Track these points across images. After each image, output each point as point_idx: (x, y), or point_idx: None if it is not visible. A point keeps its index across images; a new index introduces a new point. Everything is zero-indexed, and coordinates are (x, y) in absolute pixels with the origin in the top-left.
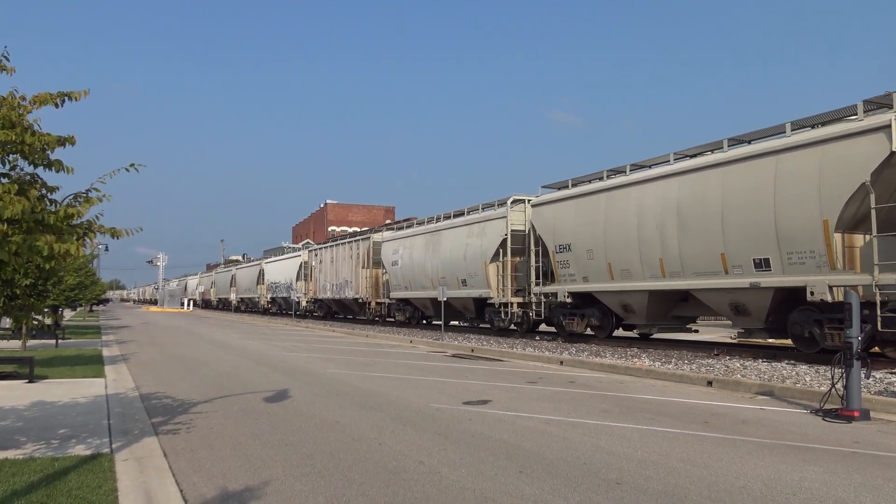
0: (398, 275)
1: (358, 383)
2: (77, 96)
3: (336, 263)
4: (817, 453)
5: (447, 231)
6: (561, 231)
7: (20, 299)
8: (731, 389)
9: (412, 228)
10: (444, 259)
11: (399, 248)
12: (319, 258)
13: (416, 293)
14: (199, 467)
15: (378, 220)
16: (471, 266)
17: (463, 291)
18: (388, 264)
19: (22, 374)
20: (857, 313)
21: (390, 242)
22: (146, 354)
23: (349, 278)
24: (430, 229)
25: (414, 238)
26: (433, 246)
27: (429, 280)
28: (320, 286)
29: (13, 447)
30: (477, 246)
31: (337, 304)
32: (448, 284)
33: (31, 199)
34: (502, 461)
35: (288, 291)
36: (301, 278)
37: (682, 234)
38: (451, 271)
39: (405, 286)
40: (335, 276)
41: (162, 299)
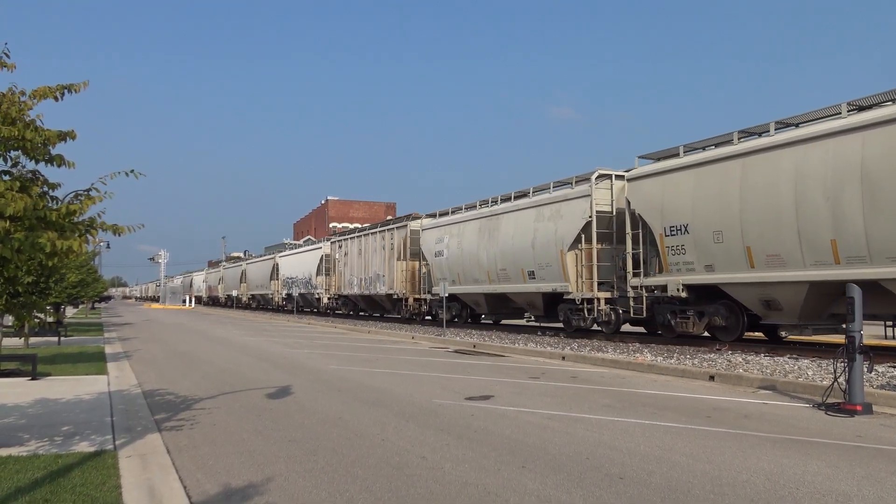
0: (443, 267)
1: (360, 379)
2: (77, 88)
3: (365, 255)
4: (820, 447)
5: (508, 215)
6: (672, 209)
7: (22, 297)
8: (734, 384)
9: (460, 213)
10: (504, 248)
11: (444, 236)
12: (345, 250)
13: (466, 288)
14: (203, 464)
15: (379, 217)
16: (541, 255)
17: (530, 285)
18: (429, 255)
19: (24, 371)
20: (859, 307)
21: (432, 231)
22: (148, 351)
23: (381, 272)
24: (483, 214)
25: (463, 225)
26: (489, 233)
27: (483, 272)
28: (346, 281)
29: (17, 444)
30: (550, 231)
31: (366, 300)
32: (510, 277)
33: (33, 197)
34: (505, 456)
35: (307, 287)
36: (322, 273)
37: (870, 207)
38: (513, 262)
39: (452, 280)
40: (364, 269)
41: (164, 296)
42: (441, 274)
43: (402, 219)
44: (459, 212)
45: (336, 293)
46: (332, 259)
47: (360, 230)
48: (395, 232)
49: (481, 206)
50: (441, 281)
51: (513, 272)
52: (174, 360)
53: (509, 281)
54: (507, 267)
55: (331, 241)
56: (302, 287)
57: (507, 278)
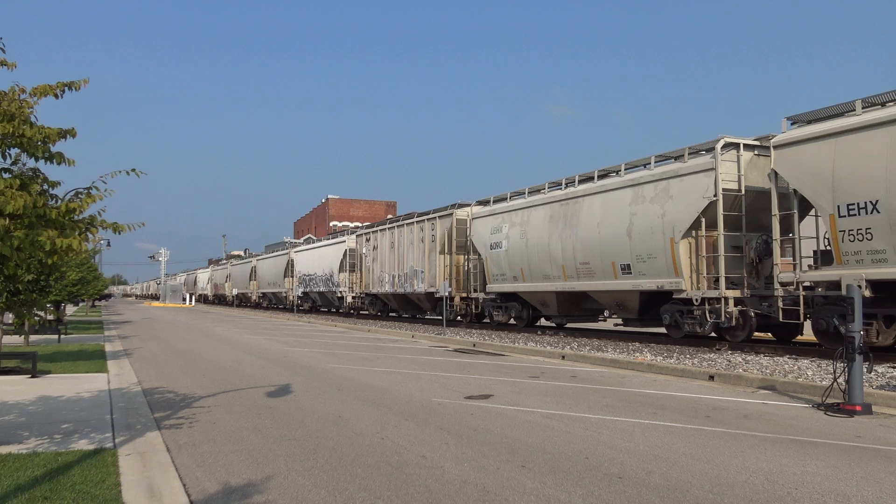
0: (500, 261)
1: (360, 378)
2: (77, 86)
3: (399, 249)
4: (819, 447)
5: (591, 198)
6: (851, 181)
7: (23, 295)
8: (733, 384)
9: (521, 198)
10: (586, 237)
11: (502, 225)
12: (373, 243)
13: (532, 285)
14: (202, 462)
15: (380, 215)
16: (641, 245)
17: (623, 282)
18: (481, 248)
19: (25, 369)
20: (858, 307)
21: (485, 219)
22: (148, 349)
23: (419, 267)
24: (556, 197)
25: (528, 211)
26: (564, 220)
27: (556, 267)
28: (375, 278)
29: (16, 442)
30: (654, 215)
31: (399, 300)
32: (593, 273)
33: (33, 195)
34: (504, 455)
35: (327, 285)
36: (345, 269)
37: None
38: (599, 254)
39: (513, 276)
40: (397, 265)
41: (164, 294)
42: (498, 269)
43: (445, 207)
44: (520, 196)
45: (362, 291)
46: (358, 254)
47: (392, 220)
48: (437, 222)
49: (550, 189)
50: (498, 278)
51: (599, 266)
52: (174, 358)
53: (593, 277)
54: (591, 260)
55: (356, 234)
56: (321, 285)
57: (589, 274)
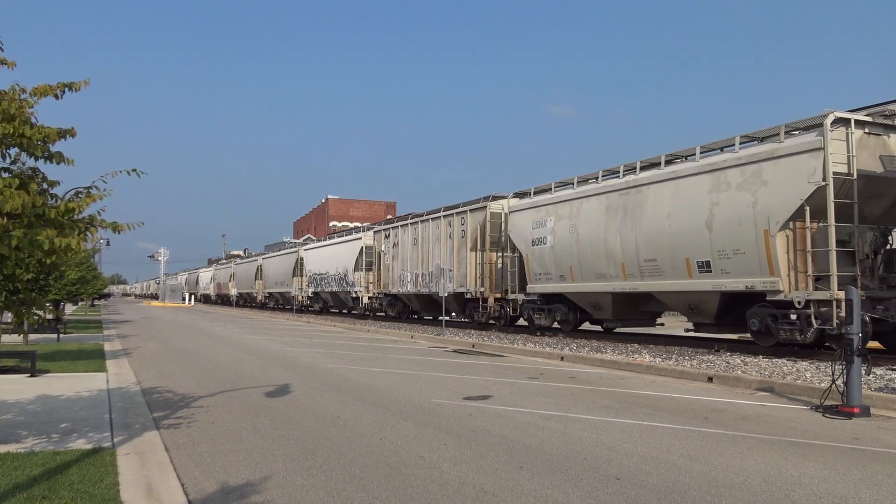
0: (545, 259)
1: (359, 378)
2: (77, 87)
3: (424, 246)
4: (817, 449)
5: (659, 186)
6: None
7: (22, 294)
8: (732, 385)
9: (568, 189)
10: (652, 230)
11: (546, 218)
12: (393, 240)
13: (583, 285)
14: (201, 461)
15: (380, 216)
16: (726, 238)
17: (701, 281)
18: (521, 244)
19: (24, 368)
20: (857, 309)
21: (526, 212)
22: (148, 349)
23: (447, 265)
24: (614, 186)
25: (578, 203)
26: (624, 211)
27: (613, 265)
28: (395, 277)
29: (15, 441)
30: (742, 204)
31: (422, 301)
32: (662, 271)
33: (32, 194)
34: (503, 456)
35: (340, 284)
36: (361, 268)
37: None
38: (670, 249)
39: (560, 275)
40: (421, 263)
41: (163, 294)
42: (541, 268)
43: (477, 200)
44: (565, 187)
45: (380, 292)
46: (375, 251)
47: (415, 215)
48: (467, 216)
49: (605, 177)
50: (541, 277)
51: (668, 263)
52: (173, 358)
53: (661, 275)
54: (659, 256)
55: (374, 231)
56: (334, 284)
57: (655, 272)
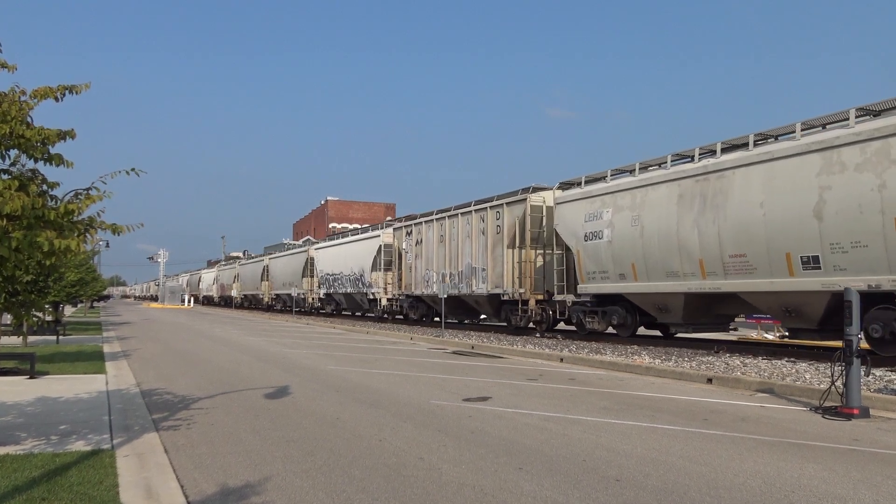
0: (600, 255)
1: (358, 380)
2: (78, 89)
3: (452, 243)
4: (817, 450)
5: (749, 170)
6: None
7: (21, 295)
8: (731, 387)
9: (629, 177)
10: (740, 221)
11: (602, 210)
12: (416, 237)
13: (649, 285)
14: (200, 463)
15: (379, 217)
16: (840, 229)
17: (807, 279)
18: (571, 239)
19: (23, 369)
20: (856, 310)
21: (577, 204)
22: (147, 350)
23: (480, 264)
24: (688, 172)
25: (642, 192)
26: (703, 200)
27: (689, 261)
28: (418, 277)
29: (14, 443)
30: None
31: (451, 303)
32: (752, 268)
33: (32, 196)
34: (502, 458)
35: (356, 285)
36: (379, 267)
37: None
38: (764, 242)
39: (620, 273)
40: (449, 261)
41: (163, 295)
42: (596, 265)
43: (515, 192)
44: (624, 174)
45: (401, 293)
46: (395, 250)
47: (442, 210)
48: (504, 210)
49: (675, 162)
50: (595, 276)
51: (762, 259)
52: (172, 360)
53: (750, 273)
54: (750, 251)
55: (394, 228)
56: (348, 285)
57: (744, 269)
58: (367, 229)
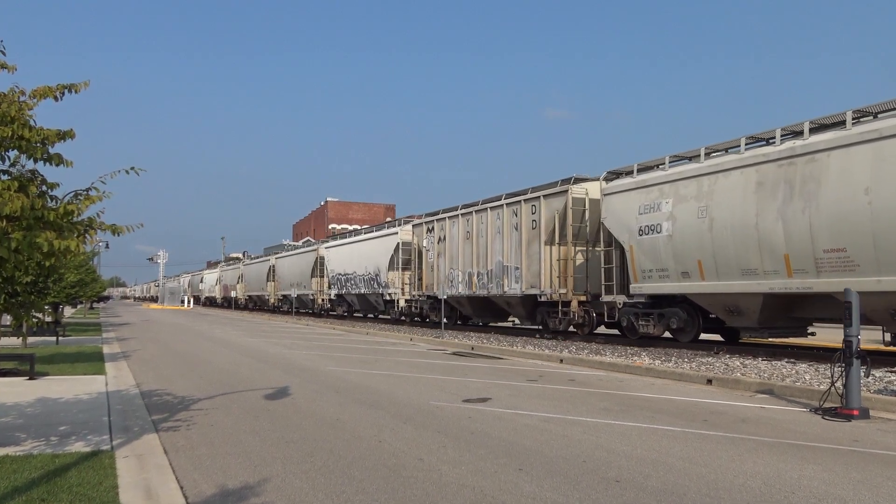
0: (658, 251)
1: (358, 381)
2: (77, 88)
3: (479, 240)
4: (817, 451)
5: (847, 151)
6: None
7: (21, 296)
8: (731, 388)
9: (693, 163)
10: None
11: (660, 200)
12: (438, 234)
13: (719, 284)
14: (200, 464)
15: (379, 218)
16: None
17: None
18: (623, 233)
19: (23, 370)
20: (856, 311)
21: (629, 195)
22: (147, 351)
23: (512, 262)
24: (769, 155)
25: (711, 179)
26: (790, 187)
27: (773, 257)
28: (441, 277)
29: (13, 444)
30: None
31: (476, 304)
32: (855, 264)
33: (31, 196)
34: (502, 459)
35: (370, 286)
36: (396, 267)
37: None
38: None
39: (682, 271)
40: (476, 260)
41: (162, 296)
42: (653, 262)
43: (553, 184)
44: (686, 161)
45: (421, 294)
46: (415, 248)
47: (468, 205)
48: (541, 203)
49: (750, 146)
50: (651, 274)
51: (866, 255)
52: (172, 361)
53: (851, 271)
54: (851, 245)
55: (413, 224)
56: (362, 286)
57: (844, 266)
58: (382, 226)
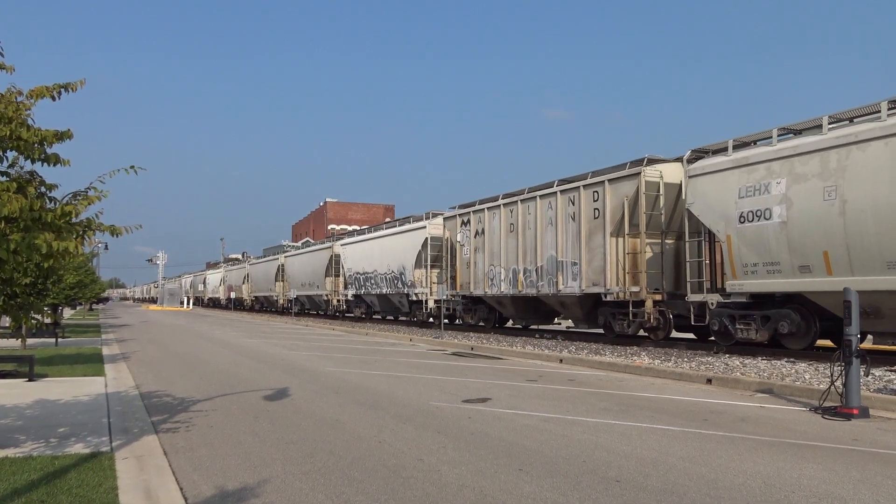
0: (766, 241)
1: (357, 381)
2: (74, 87)
3: (525, 233)
4: (816, 451)
5: None
6: None
7: (20, 298)
8: (731, 387)
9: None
10: None
11: (768, 180)
12: (475, 227)
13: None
14: (199, 465)
15: (378, 219)
16: None
17: None
18: (718, 222)
19: (22, 372)
20: (856, 311)
21: (725, 175)
22: (146, 353)
23: (569, 257)
24: None
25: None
26: None
27: None
28: (478, 275)
29: (13, 446)
30: None
31: (521, 304)
32: None
33: (30, 197)
34: (502, 459)
35: (394, 285)
36: (424, 264)
37: None
38: None
39: (799, 264)
40: (523, 254)
41: (162, 297)
42: (758, 255)
43: (621, 166)
44: (786, 136)
45: (455, 293)
46: (446, 243)
47: (511, 194)
48: (605, 189)
49: (893, 110)
50: (756, 269)
51: None
52: (172, 362)
53: None
54: None
55: (445, 217)
56: (385, 285)
57: None
58: (407, 220)
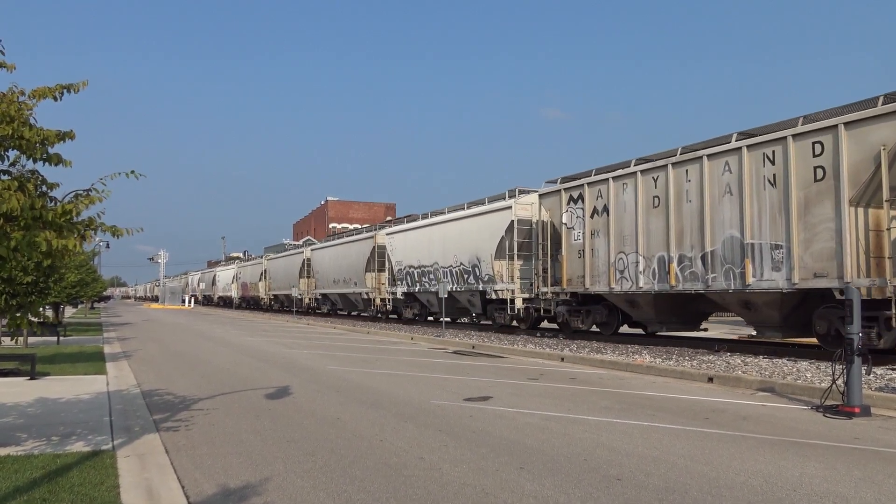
0: None
1: (359, 380)
2: (76, 88)
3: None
4: (818, 449)
5: None
6: None
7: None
8: (732, 386)
9: None
10: None
11: None
12: (591, 204)
13: None
14: (201, 463)
15: (379, 218)
16: None
17: None
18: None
19: (23, 371)
20: (857, 309)
21: None
22: (147, 351)
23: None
24: None
25: None
26: None
27: None
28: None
29: (15, 444)
30: None
31: (668, 303)
32: None
33: (31, 196)
34: (503, 457)
35: (464, 281)
36: (506, 255)
37: None
38: None
39: None
40: (676, 238)
41: (163, 296)
42: None
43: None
44: None
45: (559, 289)
46: (544, 226)
47: (651, 158)
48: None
49: None
50: None
51: None
52: (173, 360)
53: None
54: None
55: (541, 193)
56: (450, 281)
57: None
58: (482, 201)
